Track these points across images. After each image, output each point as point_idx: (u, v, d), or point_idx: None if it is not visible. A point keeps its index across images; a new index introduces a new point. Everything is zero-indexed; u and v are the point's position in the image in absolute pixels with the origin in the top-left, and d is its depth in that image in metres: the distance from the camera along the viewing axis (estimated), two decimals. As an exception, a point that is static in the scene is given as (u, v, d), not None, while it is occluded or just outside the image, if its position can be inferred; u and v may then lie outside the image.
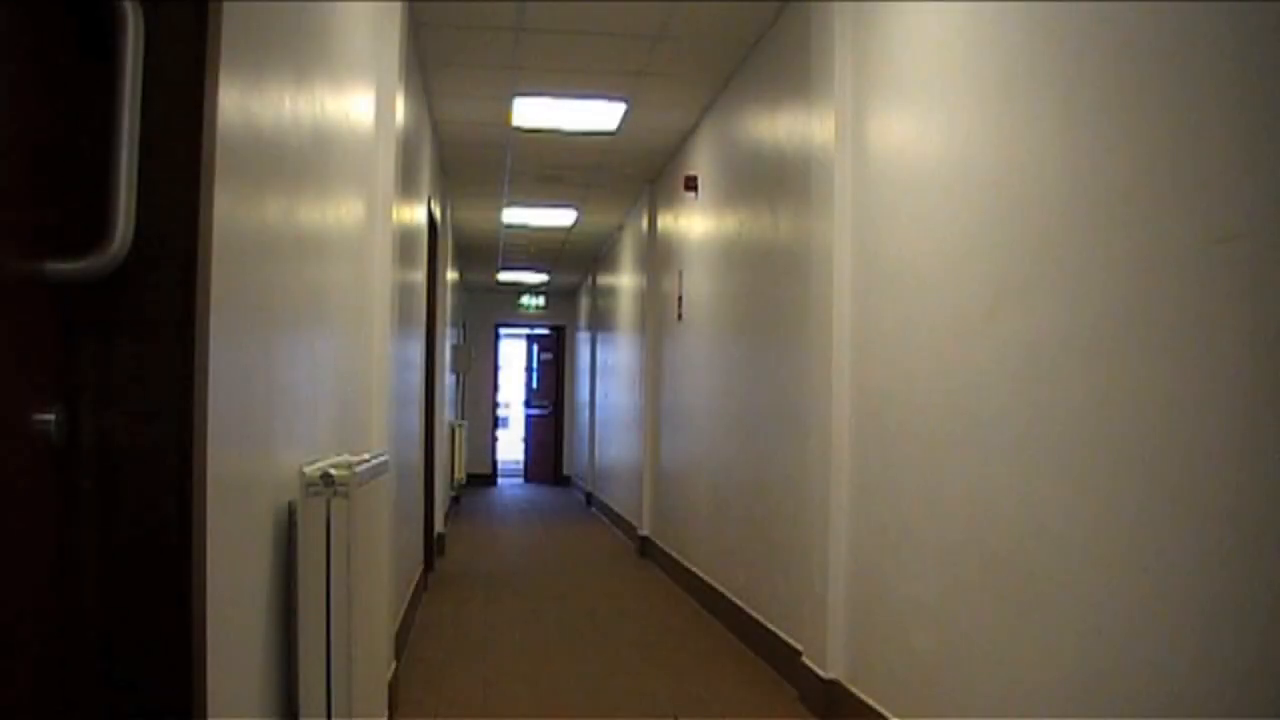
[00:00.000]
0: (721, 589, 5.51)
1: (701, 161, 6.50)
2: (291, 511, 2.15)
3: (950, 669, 2.88)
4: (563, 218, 9.80)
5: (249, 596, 1.89)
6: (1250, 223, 1.78)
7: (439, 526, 7.50)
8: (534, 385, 16.11)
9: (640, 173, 8.00)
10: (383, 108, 3.74)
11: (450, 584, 6.57)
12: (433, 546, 6.76)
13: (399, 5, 3.94)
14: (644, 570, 7.39)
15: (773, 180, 4.81)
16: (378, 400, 3.64)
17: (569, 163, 7.71)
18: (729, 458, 5.62)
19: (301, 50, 2.27)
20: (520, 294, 15.49)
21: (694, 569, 6.20)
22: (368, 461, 2.52)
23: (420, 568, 6.02)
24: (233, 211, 1.63)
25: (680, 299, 7.05)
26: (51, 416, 1.28)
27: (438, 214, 6.92)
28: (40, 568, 1.29)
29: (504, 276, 13.95)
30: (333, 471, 2.17)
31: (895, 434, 3.35)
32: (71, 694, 1.34)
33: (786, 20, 4.64)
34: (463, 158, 7.70)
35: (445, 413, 8.90)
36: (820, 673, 3.78)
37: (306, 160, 2.32)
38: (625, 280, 10.11)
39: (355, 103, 3.20)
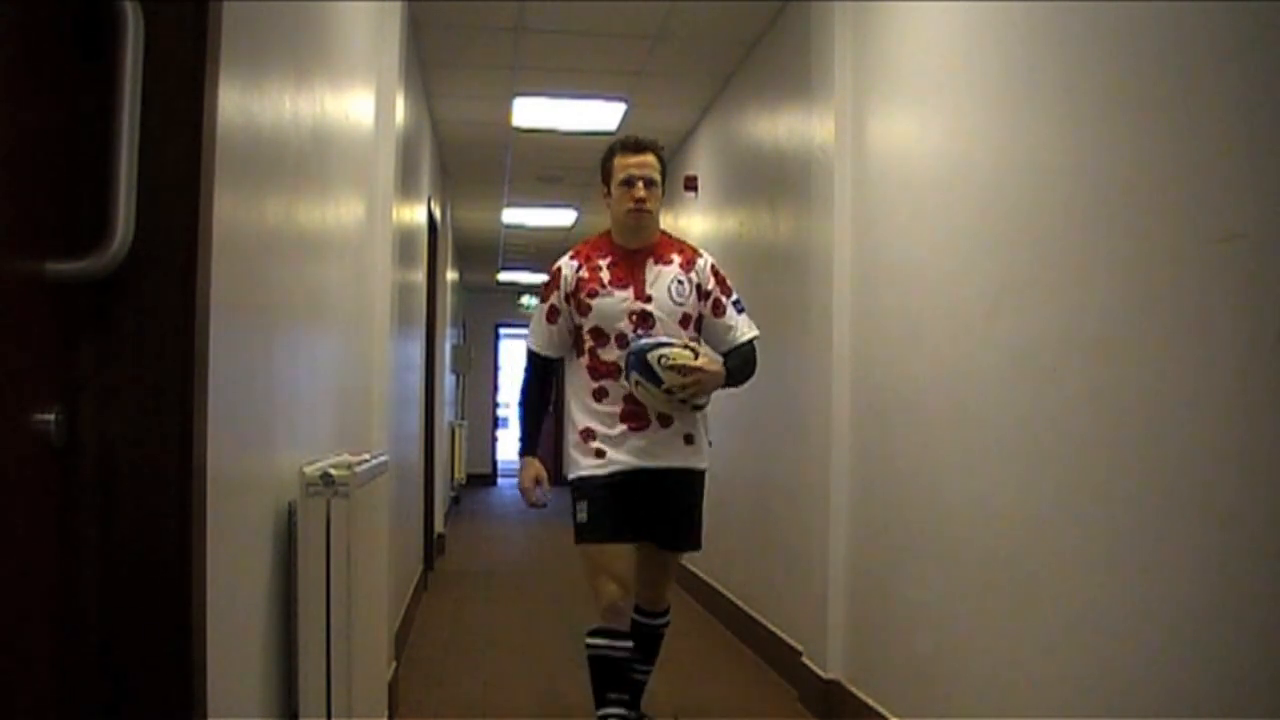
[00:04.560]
0: (721, 589, 5.50)
1: (701, 161, 6.50)
2: (291, 511, 2.15)
3: (950, 669, 2.88)
4: (563, 218, 9.79)
5: (249, 596, 1.89)
6: (1250, 223, 1.78)
7: (439, 526, 7.50)
8: (534, 385, 16.03)
9: (640, 173, 7.98)
10: (382, 108, 3.74)
11: (450, 584, 6.56)
12: (432, 546, 6.76)
13: (399, 5, 3.94)
14: (644, 570, 7.37)
15: (773, 180, 4.80)
16: (378, 400, 3.64)
17: (569, 163, 7.70)
18: (729, 457, 5.61)
19: (301, 50, 2.27)
20: (520, 294, 15.49)
21: (694, 569, 6.20)
22: (368, 461, 2.52)
23: (420, 568, 6.02)
24: (233, 211, 1.63)
25: (680, 299, 7.03)
26: (51, 416, 1.28)
27: (438, 214, 6.92)
28: (40, 567, 1.29)
29: (504, 276, 13.95)
30: (333, 471, 2.17)
31: (895, 434, 3.34)
32: (72, 694, 1.34)
33: (786, 20, 4.64)
34: (463, 158, 7.69)
35: (445, 413, 8.90)
36: (820, 673, 3.78)
37: (306, 160, 2.32)
38: (625, 280, 10.09)
39: (355, 103, 3.20)
